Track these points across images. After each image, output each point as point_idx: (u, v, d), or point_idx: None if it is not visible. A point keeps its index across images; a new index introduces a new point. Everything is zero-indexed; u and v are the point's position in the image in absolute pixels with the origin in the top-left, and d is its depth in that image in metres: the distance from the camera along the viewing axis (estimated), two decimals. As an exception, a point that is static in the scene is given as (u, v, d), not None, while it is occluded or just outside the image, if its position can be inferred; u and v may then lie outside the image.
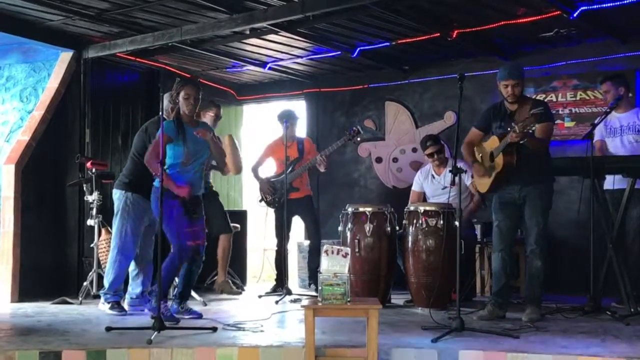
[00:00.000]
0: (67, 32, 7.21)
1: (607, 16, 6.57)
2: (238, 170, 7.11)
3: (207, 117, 7.00)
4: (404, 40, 7.37)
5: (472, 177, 6.10)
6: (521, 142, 5.17)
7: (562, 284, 5.84)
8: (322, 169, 7.31)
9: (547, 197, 5.43)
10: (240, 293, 7.11)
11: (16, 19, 6.79)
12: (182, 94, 5.33)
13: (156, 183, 5.31)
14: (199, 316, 5.49)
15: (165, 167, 5.19)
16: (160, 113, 5.18)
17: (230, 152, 6.83)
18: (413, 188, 7.17)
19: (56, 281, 7.18)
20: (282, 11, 6.37)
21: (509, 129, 5.16)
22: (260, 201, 7.52)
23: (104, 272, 6.22)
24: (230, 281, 7.24)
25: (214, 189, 7.26)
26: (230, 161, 6.85)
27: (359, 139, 7.44)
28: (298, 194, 7.31)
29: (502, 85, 5.43)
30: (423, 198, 7.02)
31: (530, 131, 5.08)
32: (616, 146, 6.14)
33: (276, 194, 7.30)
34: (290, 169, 7.20)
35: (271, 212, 7.58)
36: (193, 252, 5.38)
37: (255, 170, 7.52)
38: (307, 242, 7.67)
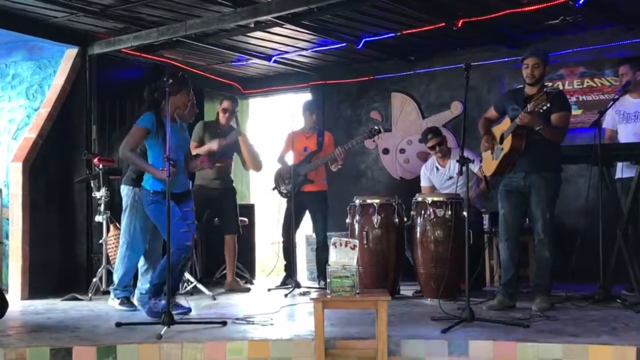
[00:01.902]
0: (71, 28, 7.22)
1: (613, 3, 6.54)
2: (258, 167, 7.10)
3: (220, 112, 7.03)
4: (409, 31, 7.34)
5: (481, 161, 6.08)
6: (537, 128, 5.16)
7: (572, 273, 5.81)
8: (334, 168, 7.26)
9: (554, 186, 5.41)
10: (248, 290, 7.11)
11: (21, 17, 6.80)
12: (182, 91, 5.38)
13: (145, 184, 5.35)
14: (188, 310, 5.47)
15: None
16: (167, 109, 5.18)
17: (247, 152, 6.86)
18: (422, 184, 7.14)
19: (66, 278, 7.21)
20: (286, 3, 6.36)
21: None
22: (274, 189, 7.50)
23: (113, 268, 6.24)
24: (238, 279, 7.25)
25: (233, 184, 7.26)
26: (248, 159, 6.87)
27: (378, 138, 7.45)
28: (312, 186, 7.26)
29: (524, 65, 5.41)
30: (433, 191, 6.99)
31: (542, 110, 5.04)
32: (628, 133, 5.99)
33: (290, 184, 7.24)
34: (307, 160, 7.19)
35: (283, 205, 7.55)
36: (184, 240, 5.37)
37: (281, 160, 7.47)
38: (315, 235, 7.64)
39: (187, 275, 6.66)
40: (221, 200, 7.06)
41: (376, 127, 7.25)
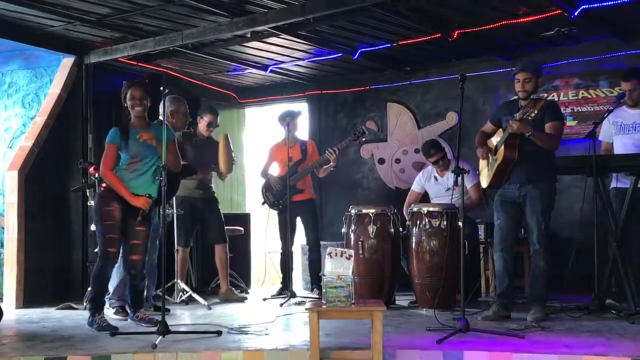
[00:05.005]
0: (68, 37, 7.22)
1: (608, 14, 6.56)
2: (229, 169, 7.04)
3: (201, 124, 7.02)
4: (405, 42, 7.37)
5: (477, 176, 6.09)
6: (527, 134, 5.19)
7: (566, 283, 5.83)
8: (323, 173, 7.26)
9: (549, 196, 5.42)
10: (244, 299, 7.08)
11: (17, 26, 6.80)
12: (128, 96, 5.32)
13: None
14: (155, 323, 5.08)
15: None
16: (163, 118, 5.20)
17: (223, 151, 6.83)
18: (412, 188, 7.10)
19: (61, 287, 7.19)
20: (283, 14, 6.37)
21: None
22: (263, 204, 7.50)
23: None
24: (233, 289, 7.21)
25: (215, 194, 7.25)
26: (222, 160, 6.85)
27: (364, 139, 7.43)
28: (301, 196, 7.27)
29: (516, 79, 5.45)
30: (421, 199, 6.99)
31: (529, 117, 5.09)
32: (625, 144, 5.90)
33: (279, 196, 7.25)
34: (293, 170, 7.18)
35: (273, 215, 7.56)
36: (130, 266, 5.29)
37: (264, 174, 7.48)
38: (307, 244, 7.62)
39: (182, 285, 6.65)
40: (205, 210, 7.02)
41: (360, 128, 7.23)
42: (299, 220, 7.39)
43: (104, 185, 5.29)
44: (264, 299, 6.99)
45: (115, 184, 5.21)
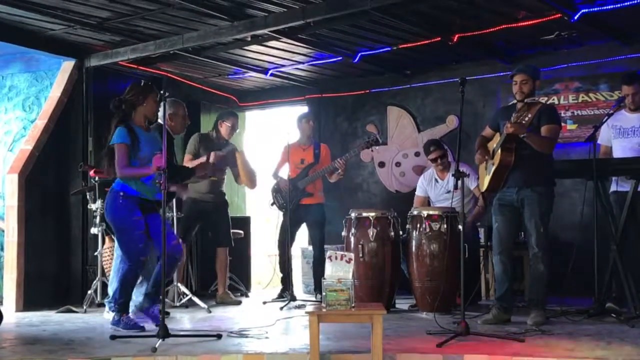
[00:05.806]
0: (69, 41, 7.23)
1: (608, 18, 6.57)
2: (253, 185, 7.15)
3: (224, 127, 7.05)
4: (405, 45, 7.37)
5: (477, 179, 6.10)
6: (522, 136, 5.20)
7: (567, 287, 5.82)
8: (334, 179, 7.24)
9: (546, 200, 5.42)
10: (239, 303, 7.09)
11: (18, 29, 6.81)
12: (151, 98, 5.37)
13: (117, 186, 5.27)
14: (157, 323, 5.06)
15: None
16: (163, 121, 5.20)
17: (243, 169, 6.90)
18: (417, 193, 7.13)
19: (61, 290, 7.20)
20: (283, 17, 6.38)
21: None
22: (272, 205, 7.48)
23: (108, 281, 6.22)
24: (229, 292, 7.23)
25: (226, 198, 7.27)
26: (244, 177, 6.90)
27: (377, 147, 7.45)
28: (311, 199, 7.26)
29: (513, 82, 5.48)
30: (427, 202, 7.01)
31: (524, 121, 5.10)
32: (624, 148, 5.91)
33: (288, 198, 7.21)
34: (304, 173, 7.18)
35: (281, 217, 7.55)
36: (175, 252, 5.29)
37: (275, 175, 7.45)
38: (311, 248, 7.62)
39: (182, 288, 6.66)
40: (214, 213, 7.08)
41: (372, 138, 7.24)
42: (304, 223, 7.37)
43: (123, 193, 5.23)
44: (264, 302, 6.99)
45: (137, 172, 5.20)
